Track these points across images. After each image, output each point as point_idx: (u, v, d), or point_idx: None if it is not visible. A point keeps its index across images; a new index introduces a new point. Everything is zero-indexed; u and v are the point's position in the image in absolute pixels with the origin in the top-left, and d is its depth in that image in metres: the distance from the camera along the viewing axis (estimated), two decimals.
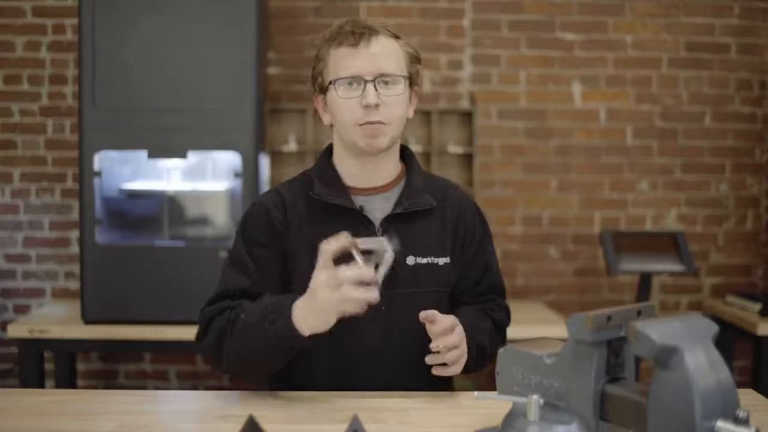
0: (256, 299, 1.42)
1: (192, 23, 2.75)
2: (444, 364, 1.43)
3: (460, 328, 1.42)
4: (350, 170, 1.55)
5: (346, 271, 1.25)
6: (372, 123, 1.46)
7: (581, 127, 3.64)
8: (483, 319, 1.57)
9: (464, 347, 1.43)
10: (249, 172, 2.77)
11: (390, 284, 1.43)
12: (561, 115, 3.63)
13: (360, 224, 1.50)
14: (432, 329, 1.39)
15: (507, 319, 1.66)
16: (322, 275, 1.27)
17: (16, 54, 3.48)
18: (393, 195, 1.56)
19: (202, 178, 3.05)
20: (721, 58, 3.65)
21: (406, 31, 3.56)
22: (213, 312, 1.45)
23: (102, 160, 2.83)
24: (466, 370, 1.50)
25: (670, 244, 3.25)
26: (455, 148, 3.53)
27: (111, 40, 2.74)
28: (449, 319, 1.41)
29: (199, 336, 1.48)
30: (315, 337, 1.33)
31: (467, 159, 3.57)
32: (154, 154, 2.82)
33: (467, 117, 3.56)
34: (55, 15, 3.47)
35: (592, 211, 3.66)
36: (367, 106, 1.45)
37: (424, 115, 3.55)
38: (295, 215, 1.52)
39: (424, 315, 1.39)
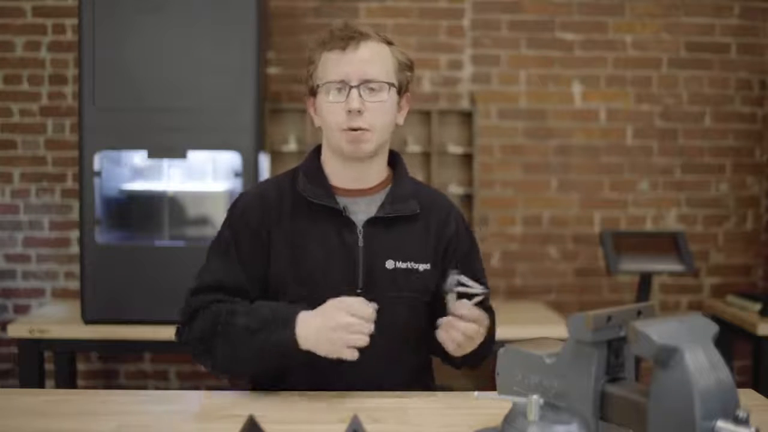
0: (243, 296, 1.49)
1: (192, 23, 2.75)
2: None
3: (481, 330, 1.45)
4: (337, 172, 1.57)
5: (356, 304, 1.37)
6: (355, 129, 1.48)
7: (581, 127, 3.64)
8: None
9: (473, 343, 1.45)
10: (249, 172, 2.76)
11: (368, 286, 1.50)
12: (561, 115, 3.63)
13: (342, 225, 1.52)
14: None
15: (492, 327, 1.65)
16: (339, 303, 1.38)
17: (16, 54, 3.48)
18: (378, 198, 1.56)
19: (202, 178, 3.05)
20: (721, 58, 3.65)
21: (405, 31, 3.62)
22: (200, 303, 1.49)
23: (102, 160, 2.83)
24: (470, 363, 1.56)
25: (670, 244, 3.25)
26: (455, 148, 3.53)
27: (111, 40, 2.74)
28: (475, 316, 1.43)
29: (181, 327, 1.53)
30: (309, 355, 1.39)
31: (467, 159, 3.56)
32: (154, 154, 2.82)
33: (467, 117, 3.56)
34: (55, 15, 3.47)
35: (592, 211, 3.66)
36: (350, 112, 1.47)
37: (424, 115, 3.55)
38: (279, 210, 1.55)
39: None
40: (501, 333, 1.65)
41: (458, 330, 1.41)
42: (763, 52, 3.67)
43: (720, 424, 0.88)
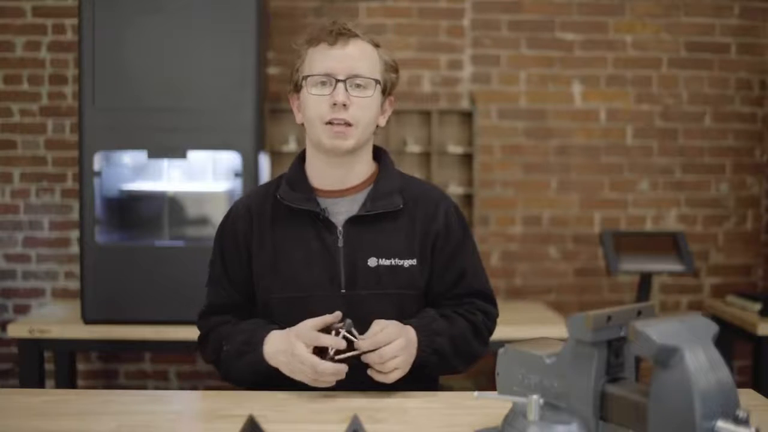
0: (236, 312, 1.58)
1: (192, 23, 2.75)
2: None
3: (399, 342, 1.41)
4: (319, 173, 1.57)
5: (327, 340, 1.38)
6: (338, 123, 1.48)
7: (581, 127, 3.64)
8: (449, 322, 1.54)
9: (397, 361, 1.41)
10: (249, 172, 2.76)
11: (350, 286, 1.51)
12: (561, 115, 3.63)
13: (322, 227, 1.53)
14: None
15: (488, 322, 1.61)
16: (306, 333, 1.40)
17: (16, 54, 3.48)
18: (361, 197, 1.56)
19: (202, 178, 3.05)
20: (721, 58, 3.65)
21: (405, 31, 3.63)
22: (206, 329, 1.60)
23: (102, 160, 2.83)
24: (426, 371, 1.52)
25: (670, 244, 3.25)
26: (455, 148, 3.53)
27: (111, 40, 2.74)
28: (383, 335, 1.40)
29: (199, 345, 1.63)
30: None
31: (467, 159, 3.57)
32: (154, 154, 2.82)
33: (467, 117, 3.56)
34: (55, 15, 3.47)
35: (592, 211, 3.66)
36: (335, 104, 1.48)
37: (424, 115, 3.55)
38: (261, 218, 1.58)
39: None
40: (501, 333, 1.65)
41: (374, 362, 1.40)
42: (763, 52, 3.67)
43: (720, 424, 0.88)
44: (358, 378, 1.44)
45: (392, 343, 1.40)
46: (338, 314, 1.42)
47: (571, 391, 1.04)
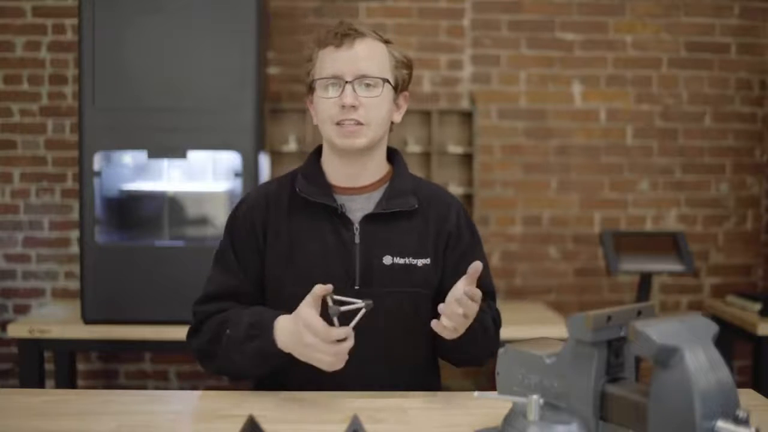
0: (243, 300, 1.53)
1: (192, 23, 2.75)
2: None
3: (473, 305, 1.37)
4: (335, 170, 1.58)
5: (321, 333, 1.32)
6: (348, 122, 1.49)
7: (581, 127, 3.64)
8: (485, 311, 1.57)
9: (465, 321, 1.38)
10: (249, 172, 2.77)
11: (365, 283, 1.51)
12: (561, 115, 3.63)
13: (339, 223, 1.54)
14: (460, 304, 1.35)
15: (498, 320, 1.63)
16: (312, 322, 1.34)
17: (16, 54, 3.48)
18: (376, 195, 1.57)
19: (202, 178, 3.05)
20: (721, 58, 3.65)
21: (406, 31, 3.62)
22: (203, 314, 1.54)
23: (102, 160, 2.83)
24: (462, 348, 1.49)
25: (670, 244, 3.25)
26: (455, 148, 3.53)
27: (111, 40, 2.74)
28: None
29: (190, 334, 1.56)
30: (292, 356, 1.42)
31: (467, 159, 3.57)
32: (154, 154, 2.82)
33: (467, 117, 3.56)
34: (55, 15, 3.47)
35: (592, 211, 3.66)
36: (344, 106, 1.48)
37: (424, 115, 3.55)
38: (277, 210, 1.57)
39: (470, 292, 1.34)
40: (501, 333, 1.65)
41: (458, 306, 1.34)
42: (763, 52, 3.67)
43: (720, 424, 0.88)
44: (361, 378, 1.45)
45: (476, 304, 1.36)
46: (329, 287, 1.36)
47: (571, 391, 1.04)
